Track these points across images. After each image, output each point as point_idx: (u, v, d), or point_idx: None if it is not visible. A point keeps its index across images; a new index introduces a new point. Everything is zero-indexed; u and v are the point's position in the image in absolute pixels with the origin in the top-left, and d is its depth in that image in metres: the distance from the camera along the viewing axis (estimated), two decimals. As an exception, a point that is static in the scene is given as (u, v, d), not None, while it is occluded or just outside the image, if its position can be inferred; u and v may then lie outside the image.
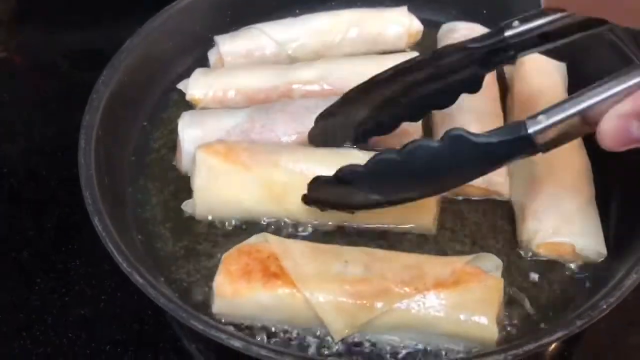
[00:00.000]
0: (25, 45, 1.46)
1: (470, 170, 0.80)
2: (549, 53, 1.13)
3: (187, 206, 0.99)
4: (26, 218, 1.10)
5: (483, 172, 0.82)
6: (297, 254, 0.88)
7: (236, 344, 0.76)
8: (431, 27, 1.27)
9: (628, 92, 0.69)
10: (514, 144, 0.75)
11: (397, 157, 0.78)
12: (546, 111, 0.73)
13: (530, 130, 0.73)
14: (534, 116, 0.74)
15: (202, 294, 0.92)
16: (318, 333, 0.87)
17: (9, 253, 1.05)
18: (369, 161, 0.81)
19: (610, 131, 0.69)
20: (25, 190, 1.15)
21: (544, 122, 0.73)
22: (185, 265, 0.95)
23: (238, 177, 0.97)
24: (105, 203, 0.90)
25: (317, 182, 0.89)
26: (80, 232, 1.05)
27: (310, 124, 1.03)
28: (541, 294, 0.92)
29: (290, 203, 0.95)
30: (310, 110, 1.05)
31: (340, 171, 0.84)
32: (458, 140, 0.75)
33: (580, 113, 0.72)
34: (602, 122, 0.69)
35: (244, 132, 1.05)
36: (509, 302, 0.89)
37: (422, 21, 1.26)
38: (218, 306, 0.86)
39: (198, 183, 0.97)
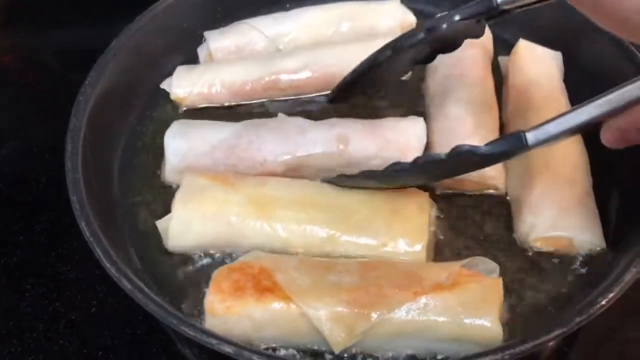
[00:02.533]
0: (15, 46, 1.45)
1: (471, 168, 0.89)
2: (543, 43, 1.12)
3: (161, 224, 0.94)
4: (15, 222, 1.08)
5: (481, 168, 0.89)
6: (289, 268, 0.85)
7: (227, 349, 0.75)
8: (424, 19, 1.25)
9: (624, 107, 0.74)
10: (512, 153, 0.82)
11: (410, 168, 0.88)
12: (544, 125, 0.79)
13: (530, 143, 0.79)
14: (534, 129, 0.79)
15: (193, 299, 0.90)
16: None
17: (-2, 258, 1.04)
18: (385, 169, 0.89)
19: (609, 139, 0.77)
20: (14, 194, 1.13)
21: (541, 136, 0.79)
22: (177, 269, 0.94)
23: (224, 192, 0.93)
24: (93, 207, 0.88)
25: (341, 176, 0.96)
26: (71, 237, 1.03)
27: (302, 144, 1.00)
28: (538, 289, 0.91)
29: (278, 217, 0.92)
30: (304, 131, 1.02)
31: (362, 173, 0.93)
32: (464, 154, 0.83)
33: (577, 127, 0.78)
34: (602, 131, 0.77)
35: (230, 147, 1.01)
36: (507, 298, 0.87)
37: (415, 13, 1.24)
38: (210, 325, 0.83)
39: (180, 195, 0.94)
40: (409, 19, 1.24)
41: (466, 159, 0.83)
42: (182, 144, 1.01)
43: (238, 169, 1.01)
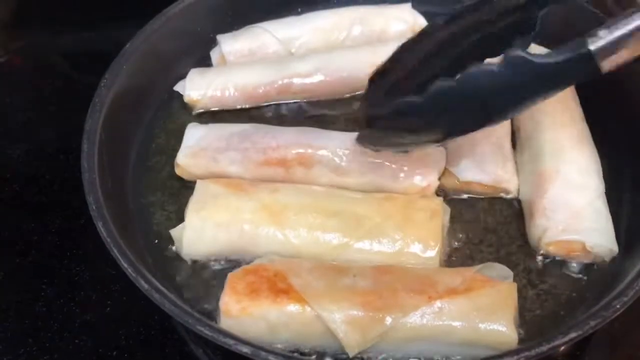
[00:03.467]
0: (25, 48, 1.45)
1: (530, 95, 0.77)
2: (553, 46, 1.12)
3: (175, 232, 0.95)
4: (29, 223, 1.08)
5: (544, 97, 0.78)
6: (304, 271, 0.86)
7: (244, 349, 0.75)
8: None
9: None
10: (575, 64, 0.72)
11: (455, 83, 0.74)
12: (609, 25, 0.70)
13: (592, 47, 0.70)
14: (595, 32, 0.71)
15: (209, 298, 0.91)
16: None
17: (13, 259, 1.04)
18: (425, 92, 0.76)
19: None
20: (28, 195, 1.14)
21: (606, 37, 0.70)
22: (192, 269, 0.94)
23: (237, 199, 0.94)
24: (109, 207, 0.89)
25: (372, 117, 0.86)
26: (85, 236, 1.04)
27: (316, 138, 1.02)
28: (552, 294, 0.91)
29: (290, 224, 0.92)
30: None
31: (397, 104, 0.79)
32: (517, 62, 0.72)
33: None
34: None
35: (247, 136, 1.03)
36: (520, 302, 0.87)
37: (426, 17, 1.24)
38: (224, 326, 0.83)
39: (193, 204, 0.94)
40: (420, 23, 1.25)
41: (521, 72, 0.72)
42: (201, 129, 1.05)
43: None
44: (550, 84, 0.75)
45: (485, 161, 1.01)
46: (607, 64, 0.71)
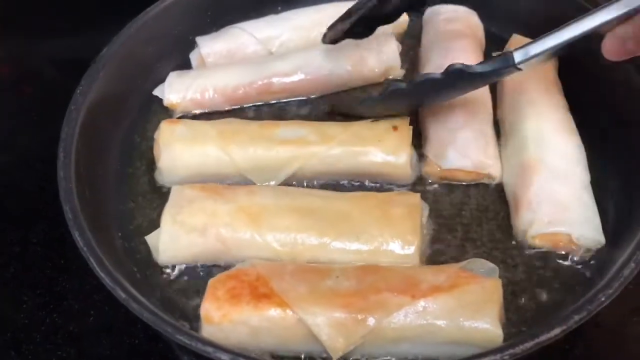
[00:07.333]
0: (8, 55, 1.44)
1: (465, 89, 0.99)
2: (535, 37, 1.12)
3: (151, 239, 0.94)
4: (10, 233, 1.07)
5: (474, 89, 1.01)
6: (286, 274, 0.84)
7: (223, 357, 0.74)
8: (417, 18, 1.25)
9: (620, 18, 0.80)
10: (502, 71, 0.92)
11: (406, 87, 0.96)
12: (530, 44, 0.88)
13: (517, 60, 0.89)
14: (520, 48, 0.89)
15: (190, 305, 0.90)
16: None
17: (-6, 270, 1.03)
18: (383, 91, 0.98)
19: (609, 48, 0.82)
20: (8, 204, 1.13)
21: (529, 53, 0.88)
22: (174, 276, 0.93)
23: (213, 202, 0.93)
24: (86, 216, 0.88)
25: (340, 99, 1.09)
26: (66, 246, 1.02)
27: None
28: (537, 286, 0.90)
29: (268, 225, 0.91)
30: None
31: (363, 98, 1.06)
32: (457, 72, 0.91)
33: (559, 45, 0.85)
34: (604, 40, 0.82)
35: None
36: (505, 297, 0.86)
37: (407, 12, 1.23)
38: (206, 333, 0.82)
39: (168, 208, 0.93)
40: (401, 18, 1.23)
41: (459, 76, 0.92)
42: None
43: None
44: (480, 84, 1.00)
45: (467, 147, 1.01)
46: (525, 67, 0.90)
